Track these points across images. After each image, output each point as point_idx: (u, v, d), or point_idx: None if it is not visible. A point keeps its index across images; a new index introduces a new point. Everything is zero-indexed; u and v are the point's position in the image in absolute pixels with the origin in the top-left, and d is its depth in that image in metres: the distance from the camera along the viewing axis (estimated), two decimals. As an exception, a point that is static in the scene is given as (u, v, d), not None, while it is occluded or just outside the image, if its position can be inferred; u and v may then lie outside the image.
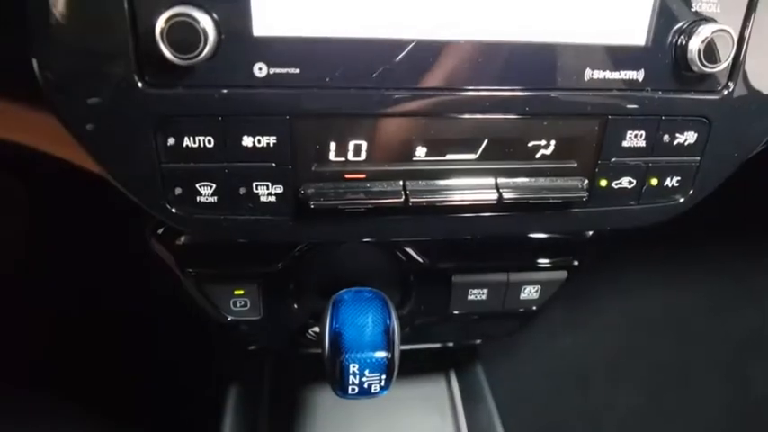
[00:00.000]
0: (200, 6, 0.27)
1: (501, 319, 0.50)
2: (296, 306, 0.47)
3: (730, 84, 0.33)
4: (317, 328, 0.48)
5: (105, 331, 0.78)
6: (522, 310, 0.48)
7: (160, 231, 0.42)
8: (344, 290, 0.43)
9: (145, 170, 0.31)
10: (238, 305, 0.45)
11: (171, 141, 0.30)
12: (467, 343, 0.55)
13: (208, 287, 0.44)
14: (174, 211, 0.32)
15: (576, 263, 0.47)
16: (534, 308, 0.48)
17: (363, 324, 0.40)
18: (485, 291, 0.47)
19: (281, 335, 0.49)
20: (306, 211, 0.33)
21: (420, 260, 0.45)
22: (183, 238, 0.42)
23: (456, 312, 0.47)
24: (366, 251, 0.45)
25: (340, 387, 0.39)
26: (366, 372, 0.38)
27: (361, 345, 0.39)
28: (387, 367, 0.38)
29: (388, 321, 0.41)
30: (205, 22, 0.27)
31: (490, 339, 0.54)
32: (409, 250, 0.44)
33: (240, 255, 0.43)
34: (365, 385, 0.39)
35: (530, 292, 0.47)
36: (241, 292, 0.44)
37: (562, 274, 0.47)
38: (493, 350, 0.77)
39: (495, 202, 0.34)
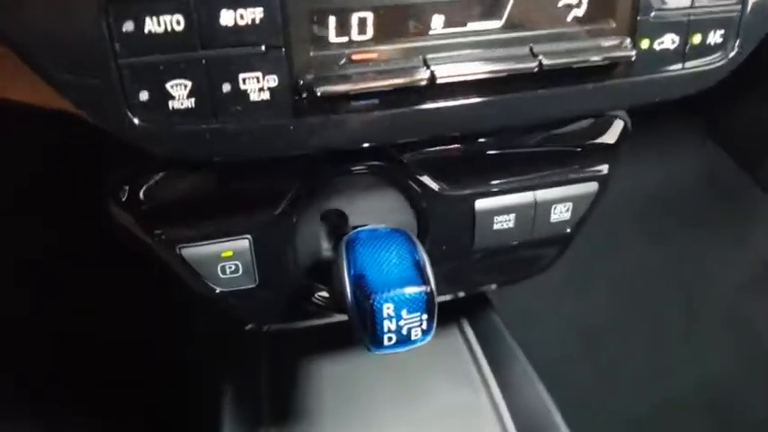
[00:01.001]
0: None
1: (532, 249, 0.44)
2: (297, 265, 0.39)
3: None
4: (324, 293, 0.41)
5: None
6: (554, 235, 0.43)
7: (120, 184, 0.34)
8: (357, 229, 0.36)
9: (98, 71, 0.24)
10: (228, 271, 0.37)
11: (128, 26, 0.23)
12: (492, 287, 0.48)
13: (188, 252, 0.36)
14: (138, 122, 0.25)
15: (605, 171, 0.42)
16: (568, 230, 0.43)
17: (388, 260, 0.33)
18: (512, 217, 0.40)
19: (283, 305, 0.41)
20: (310, 106, 0.26)
21: (437, 188, 0.38)
22: (148, 188, 0.34)
23: (482, 248, 0.41)
24: (375, 186, 0.38)
25: (373, 339, 0.32)
26: (404, 313, 0.31)
27: (391, 282, 0.32)
28: (427, 304, 0.31)
29: (416, 255, 0.34)
30: None
31: (519, 280, 0.48)
32: (425, 179, 0.38)
33: (224, 203, 0.35)
34: (404, 331, 0.32)
35: (560, 213, 0.42)
36: (230, 253, 0.36)
37: (592, 187, 0.42)
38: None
39: (535, 69, 0.28)
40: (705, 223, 1.19)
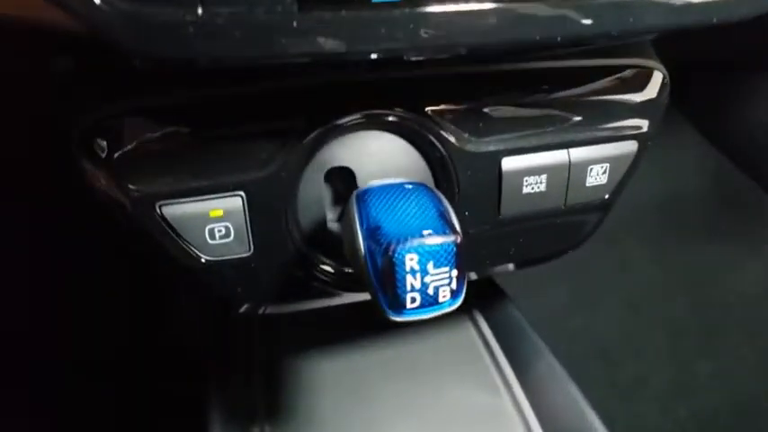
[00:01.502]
0: None
1: (565, 220, 0.38)
2: (299, 232, 0.34)
3: None
4: (328, 267, 0.35)
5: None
6: (590, 202, 0.37)
7: (88, 130, 0.29)
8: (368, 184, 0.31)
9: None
10: (217, 236, 0.31)
11: None
12: (514, 267, 0.43)
13: (170, 211, 0.30)
14: (100, 2, 0.20)
15: (645, 129, 0.37)
16: (606, 196, 0.38)
17: (407, 211, 0.28)
18: (543, 178, 0.35)
19: (281, 280, 0.35)
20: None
21: (458, 143, 0.33)
22: (121, 132, 0.29)
23: (510, 215, 0.36)
24: (387, 144, 0.33)
25: (394, 301, 0.26)
26: (430, 267, 0.26)
27: (413, 231, 0.26)
28: (457, 257, 0.26)
29: (440, 206, 0.29)
30: None
31: (548, 258, 0.42)
32: (444, 131, 0.33)
33: (212, 151, 0.30)
34: (430, 290, 0.26)
35: (597, 175, 0.37)
36: (219, 213, 0.31)
37: (632, 146, 0.37)
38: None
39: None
40: (715, 234, 1.16)
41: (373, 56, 0.24)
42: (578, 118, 0.36)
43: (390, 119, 0.32)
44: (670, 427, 0.89)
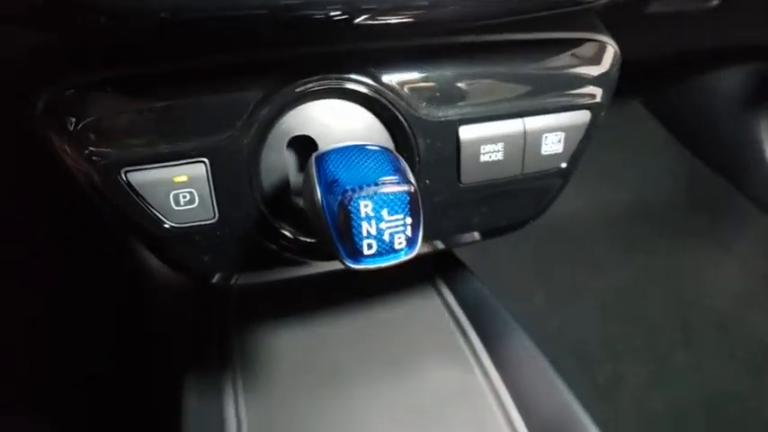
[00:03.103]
0: None
1: (525, 187, 0.40)
2: (263, 199, 0.34)
3: None
4: (292, 234, 0.36)
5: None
6: (548, 170, 0.39)
7: (50, 95, 0.30)
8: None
9: None
10: (182, 201, 0.32)
11: None
12: (479, 237, 0.44)
13: (135, 177, 0.31)
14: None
15: (598, 99, 0.39)
16: (563, 164, 0.39)
17: (364, 166, 0.29)
18: (500, 146, 0.37)
19: (246, 247, 0.36)
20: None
21: (418, 112, 0.34)
22: (84, 96, 0.30)
23: (470, 183, 0.37)
24: (348, 113, 0.35)
25: (351, 248, 0.27)
26: (384, 213, 0.27)
27: (368, 179, 0.27)
28: (411, 204, 0.27)
29: (396, 163, 0.30)
30: None
31: (511, 228, 0.43)
32: (404, 101, 0.34)
33: (175, 117, 0.31)
34: (385, 236, 0.27)
35: (552, 144, 0.38)
36: (184, 178, 0.31)
37: (585, 116, 0.38)
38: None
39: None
40: (687, 234, 1.19)
41: (328, 11, 0.25)
42: (533, 88, 0.37)
43: (349, 87, 0.33)
44: (647, 419, 0.90)
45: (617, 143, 1.22)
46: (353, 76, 0.33)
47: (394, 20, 0.29)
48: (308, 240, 0.36)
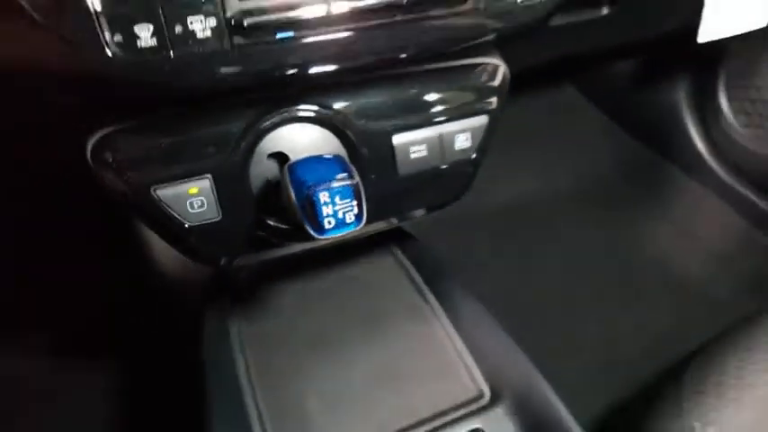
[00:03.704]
0: None
1: (448, 173, 0.53)
2: (252, 199, 0.48)
3: None
4: (276, 224, 0.49)
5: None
6: (460, 160, 0.52)
7: (101, 145, 0.42)
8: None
9: (83, 22, 0.33)
10: (195, 206, 0.45)
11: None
12: (420, 213, 0.57)
13: (162, 192, 0.44)
14: (114, 56, 0.34)
15: (493, 106, 0.52)
16: (473, 155, 0.53)
17: (322, 167, 0.42)
18: (423, 146, 0.50)
19: (243, 235, 0.49)
20: (244, 34, 0.36)
21: (362, 128, 0.48)
22: (126, 143, 0.42)
23: (405, 173, 0.51)
24: (312, 132, 0.48)
25: (316, 225, 0.40)
26: (337, 199, 0.40)
27: (325, 178, 0.40)
28: (355, 192, 0.40)
29: (345, 166, 0.43)
30: None
31: (444, 203, 0.57)
32: (352, 121, 0.47)
33: (188, 148, 0.44)
34: (339, 215, 0.40)
35: (462, 141, 0.52)
36: (196, 190, 0.44)
37: (484, 119, 0.52)
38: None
39: (403, 2, 0.39)
40: (628, 204, 1.33)
41: (288, 72, 0.39)
42: (445, 102, 0.51)
43: (307, 114, 0.46)
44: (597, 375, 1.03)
45: (561, 130, 1.37)
46: (310, 106, 0.46)
47: (337, 69, 0.42)
48: (287, 227, 0.49)
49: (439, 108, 0.51)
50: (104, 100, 0.42)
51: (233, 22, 0.36)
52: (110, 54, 0.33)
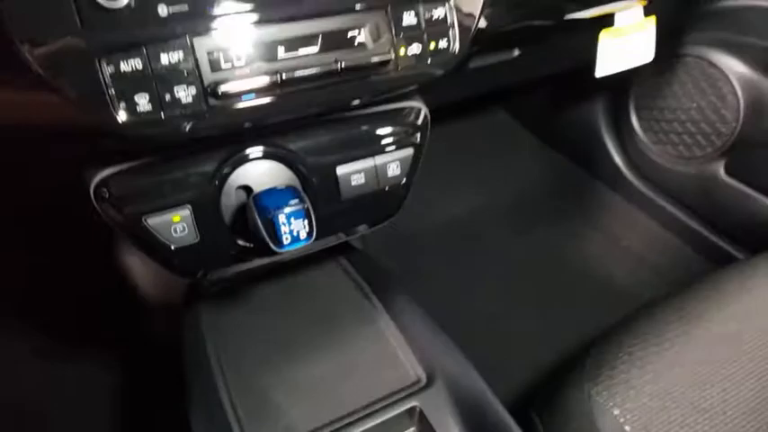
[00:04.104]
0: None
1: (384, 195, 0.65)
2: (224, 224, 0.59)
3: None
4: (244, 243, 0.60)
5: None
6: (393, 184, 0.65)
7: (103, 184, 0.53)
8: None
9: (98, 93, 0.44)
10: (178, 231, 0.56)
11: (113, 70, 0.44)
12: (363, 229, 0.69)
13: (151, 221, 0.54)
14: (122, 120, 0.45)
15: (417, 141, 0.65)
16: (403, 180, 0.65)
17: (280, 196, 0.54)
18: (362, 175, 0.63)
19: (217, 253, 0.60)
20: (217, 99, 0.47)
21: (310, 162, 0.60)
22: (124, 182, 0.53)
23: (348, 197, 0.63)
24: (272, 167, 0.59)
25: (276, 240, 0.52)
26: (292, 220, 0.52)
27: (282, 204, 0.52)
28: (306, 214, 0.52)
29: (299, 193, 0.55)
30: None
31: (383, 220, 0.69)
32: (302, 157, 0.59)
33: (172, 185, 0.55)
34: (294, 232, 0.52)
35: (394, 169, 0.64)
36: (178, 218, 0.55)
37: (410, 151, 0.65)
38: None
39: (339, 69, 0.51)
40: (559, 217, 1.49)
41: (250, 123, 0.51)
42: (378, 139, 0.63)
43: (269, 153, 0.58)
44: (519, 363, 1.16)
45: (495, 150, 1.52)
46: (269, 147, 0.58)
47: (288, 119, 0.55)
48: (253, 245, 0.60)
49: (373, 144, 0.63)
50: (107, 149, 0.53)
51: (209, 90, 0.47)
52: (117, 118, 0.45)
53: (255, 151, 0.58)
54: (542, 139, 1.59)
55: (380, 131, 0.64)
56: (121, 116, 0.45)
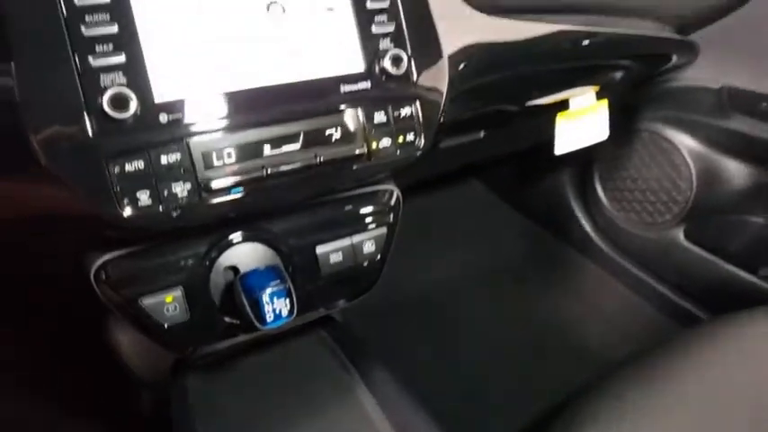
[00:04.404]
0: (126, 86, 0.49)
1: (361, 271, 0.71)
2: (213, 303, 0.63)
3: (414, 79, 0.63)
4: (228, 318, 0.65)
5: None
6: (369, 260, 0.71)
7: (102, 268, 0.58)
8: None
9: (105, 191, 0.50)
10: (170, 311, 0.60)
11: (119, 170, 0.50)
12: (344, 303, 0.74)
13: (146, 302, 0.59)
14: (126, 215, 0.50)
15: (390, 221, 0.72)
16: (378, 257, 0.71)
17: (263, 276, 0.59)
18: (340, 253, 0.68)
19: (207, 330, 0.64)
20: (209, 193, 0.53)
21: (292, 243, 0.65)
22: (121, 267, 0.58)
23: (327, 274, 0.68)
24: (257, 249, 0.65)
25: (260, 318, 0.57)
26: (275, 299, 0.57)
27: (266, 284, 0.57)
28: (288, 293, 0.58)
29: (281, 274, 0.60)
30: (130, 95, 0.49)
31: (361, 294, 0.74)
32: (284, 239, 0.65)
33: (165, 269, 0.60)
34: (277, 311, 0.57)
35: (369, 247, 0.70)
36: (170, 299, 0.60)
37: (384, 230, 0.71)
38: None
39: (319, 162, 0.58)
40: (530, 280, 1.56)
41: (238, 213, 0.57)
42: (354, 220, 0.70)
43: (254, 236, 0.64)
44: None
45: (470, 220, 1.60)
46: (252, 231, 0.64)
47: (272, 207, 0.61)
48: (239, 322, 0.65)
49: (349, 224, 0.70)
50: (108, 238, 0.58)
51: (202, 185, 0.54)
52: (122, 212, 0.50)
53: (241, 235, 0.64)
54: (514, 207, 1.68)
55: (356, 213, 0.70)
56: (126, 211, 0.51)
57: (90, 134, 0.49)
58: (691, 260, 1.33)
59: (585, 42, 0.92)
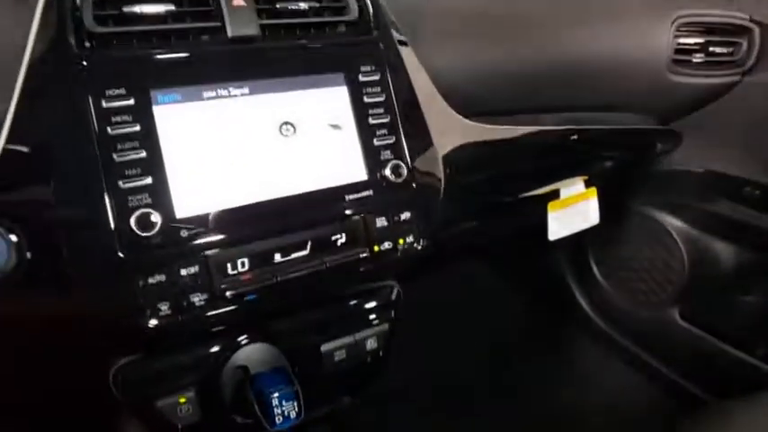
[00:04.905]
0: (149, 206, 0.54)
1: (366, 366, 0.74)
2: (225, 404, 0.66)
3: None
4: (239, 418, 0.67)
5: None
6: (373, 357, 0.73)
7: (123, 365, 0.61)
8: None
9: (133, 304, 0.54)
10: (183, 411, 0.63)
11: (142, 283, 0.54)
12: (349, 399, 0.76)
13: (162, 403, 0.62)
14: (150, 324, 0.54)
15: (392, 317, 0.75)
16: (381, 353, 0.74)
17: (273, 379, 0.62)
18: (344, 351, 0.71)
19: (218, 428, 0.66)
20: (224, 301, 0.57)
21: (298, 343, 0.69)
22: (141, 377, 0.61)
23: (329, 371, 0.71)
24: (265, 348, 0.68)
25: (270, 421, 0.59)
26: (284, 402, 0.59)
27: (275, 387, 0.60)
28: (296, 395, 0.60)
29: (289, 375, 0.63)
30: (155, 216, 0.54)
31: (363, 388, 0.76)
32: (290, 338, 0.68)
33: (179, 375, 0.63)
34: (285, 413, 0.60)
35: (372, 343, 0.73)
36: (184, 400, 0.63)
37: (387, 326, 0.75)
38: None
39: (326, 267, 0.62)
40: (531, 361, 1.58)
41: (249, 318, 0.60)
42: (357, 317, 0.73)
43: (262, 337, 0.67)
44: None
45: (470, 301, 1.63)
46: (261, 333, 0.68)
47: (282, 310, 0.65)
48: (250, 422, 0.67)
49: (352, 321, 0.73)
50: (130, 344, 0.62)
51: (218, 294, 0.58)
52: (147, 323, 0.54)
53: (251, 337, 0.67)
54: (513, 287, 1.71)
55: (358, 311, 0.74)
56: (151, 322, 0.55)
57: (118, 251, 0.53)
58: (687, 340, 1.35)
59: (570, 138, 0.99)
